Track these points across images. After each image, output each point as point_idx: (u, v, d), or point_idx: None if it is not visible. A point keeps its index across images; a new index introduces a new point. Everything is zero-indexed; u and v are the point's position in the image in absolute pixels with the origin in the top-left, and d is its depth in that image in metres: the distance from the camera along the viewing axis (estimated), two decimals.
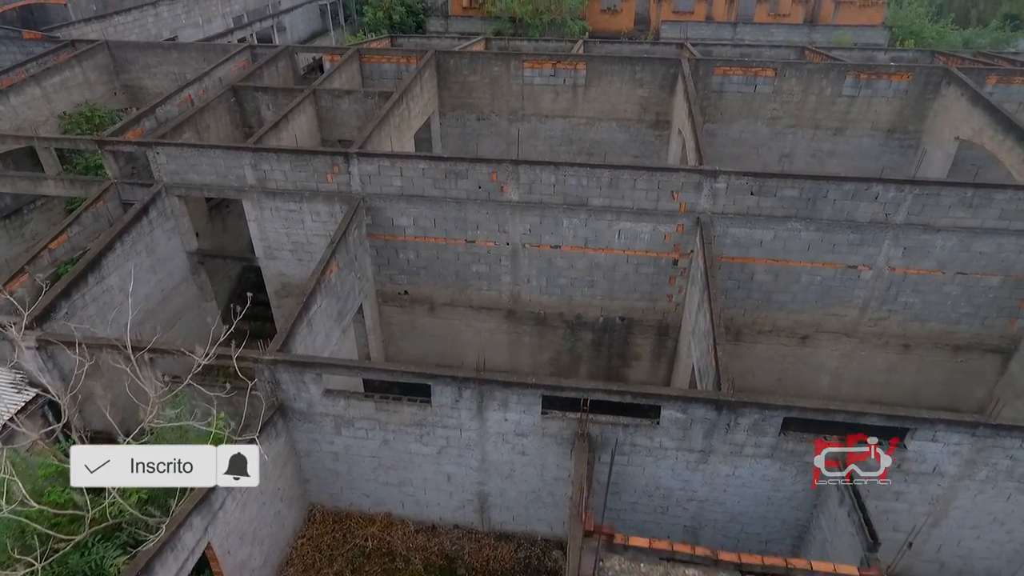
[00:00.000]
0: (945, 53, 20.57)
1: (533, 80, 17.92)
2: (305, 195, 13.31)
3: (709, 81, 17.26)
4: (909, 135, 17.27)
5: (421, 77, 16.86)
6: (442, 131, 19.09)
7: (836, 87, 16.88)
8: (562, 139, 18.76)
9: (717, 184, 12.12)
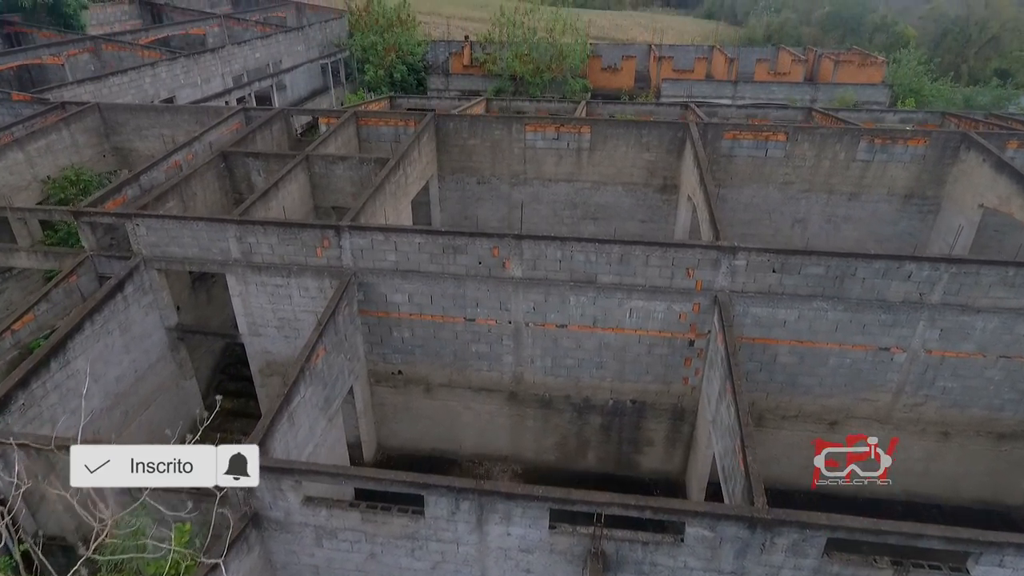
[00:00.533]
0: (956, 114, 20.02)
1: (536, 143, 17.23)
2: (293, 269, 12.35)
3: (718, 145, 16.56)
4: (928, 200, 16.48)
5: (419, 141, 16.16)
6: (441, 195, 18.31)
7: (850, 152, 16.17)
8: (566, 203, 17.97)
9: (736, 261, 11.18)
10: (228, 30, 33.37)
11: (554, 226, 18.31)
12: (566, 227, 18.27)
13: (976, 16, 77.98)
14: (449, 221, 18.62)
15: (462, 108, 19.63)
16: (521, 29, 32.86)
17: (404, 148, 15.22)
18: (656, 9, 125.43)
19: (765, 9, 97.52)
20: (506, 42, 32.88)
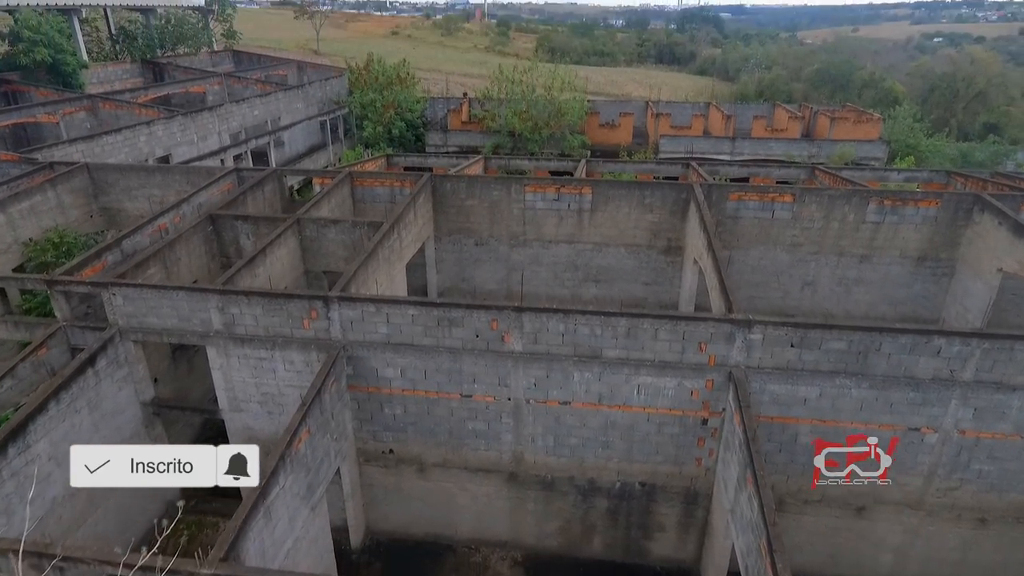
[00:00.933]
0: (961, 173, 19.62)
1: (535, 204, 16.67)
2: (278, 342, 11.52)
3: (724, 206, 16.01)
4: (942, 263, 15.83)
5: (415, 203, 15.59)
6: (438, 256, 17.65)
7: (859, 213, 15.61)
8: (567, 265, 17.30)
9: (752, 335, 10.39)
10: (229, 88, 33.48)
11: (554, 288, 17.60)
12: (567, 289, 17.56)
13: (963, 72, 79.63)
14: (446, 283, 17.92)
15: (459, 168, 19.19)
16: (520, 86, 33.00)
17: (399, 211, 14.62)
18: (650, 66, 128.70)
19: (756, 66, 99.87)
20: (504, 99, 32.96)
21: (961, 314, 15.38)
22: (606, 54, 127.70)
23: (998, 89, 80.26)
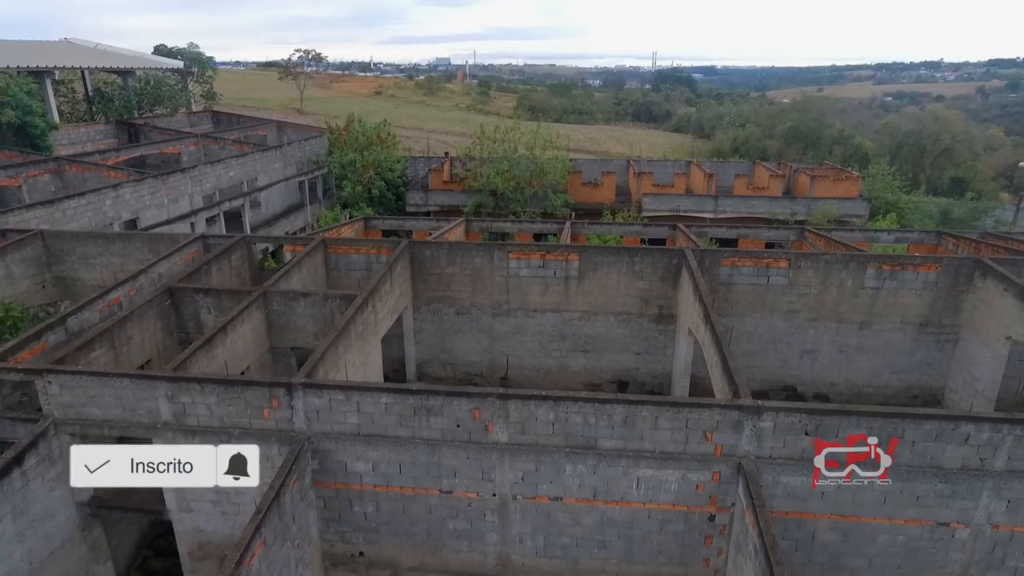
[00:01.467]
0: (952, 234, 19.20)
1: (520, 272, 15.78)
2: (235, 434, 10.21)
3: (717, 272, 15.23)
4: (945, 329, 15.09)
5: (392, 272, 14.60)
6: (416, 327, 16.56)
7: (857, 278, 14.91)
8: (553, 335, 16.29)
9: (762, 423, 9.36)
10: (205, 149, 32.74)
11: (541, 359, 16.52)
12: (554, 360, 16.50)
13: (928, 130, 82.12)
14: (425, 355, 16.77)
15: (440, 232, 18.34)
16: (502, 146, 32.70)
17: (375, 281, 13.60)
18: (628, 124, 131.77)
19: (730, 124, 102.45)
20: (486, 158, 32.58)
21: (969, 383, 14.54)
22: (585, 113, 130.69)
23: (963, 145, 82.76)
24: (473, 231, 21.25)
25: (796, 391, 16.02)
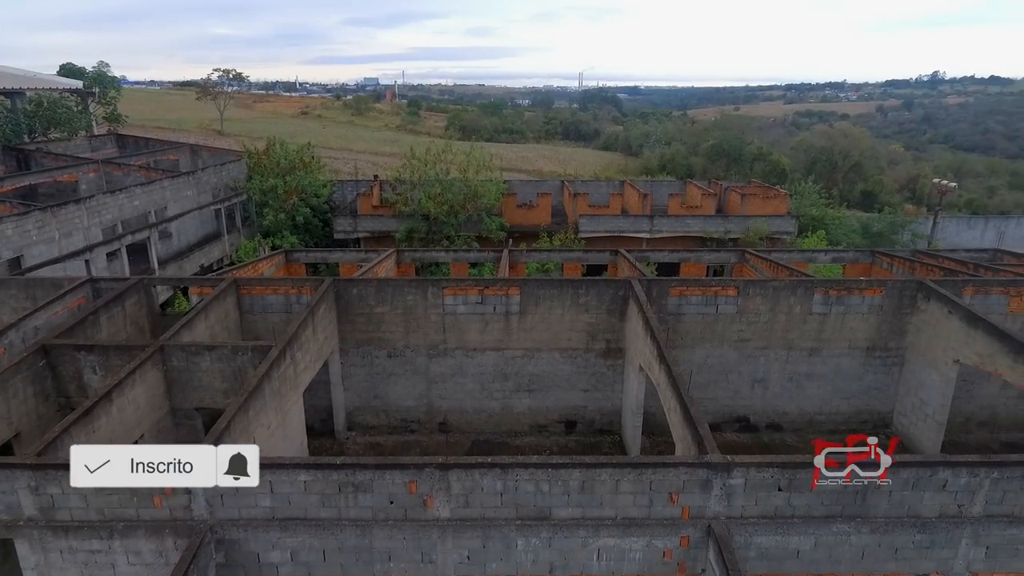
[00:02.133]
0: (885, 252, 19.32)
1: (456, 309, 14.51)
2: (118, 528, 8.42)
3: (664, 303, 14.46)
4: (891, 353, 14.85)
5: (315, 315, 13.03)
6: (344, 372, 14.98)
7: (805, 304, 14.48)
8: (495, 375, 15.07)
9: (732, 480, 8.44)
10: (107, 176, 29.89)
11: (482, 402, 15.25)
12: (496, 402, 15.26)
13: (839, 146, 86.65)
14: (355, 402, 15.19)
15: (369, 266, 16.82)
16: (433, 169, 31.45)
17: (294, 327, 12.01)
18: (558, 142, 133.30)
19: (657, 142, 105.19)
20: (417, 181, 31.22)
21: (918, 406, 14.29)
22: (516, 132, 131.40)
23: (870, 160, 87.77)
24: (405, 262, 19.84)
25: (749, 422, 15.42)
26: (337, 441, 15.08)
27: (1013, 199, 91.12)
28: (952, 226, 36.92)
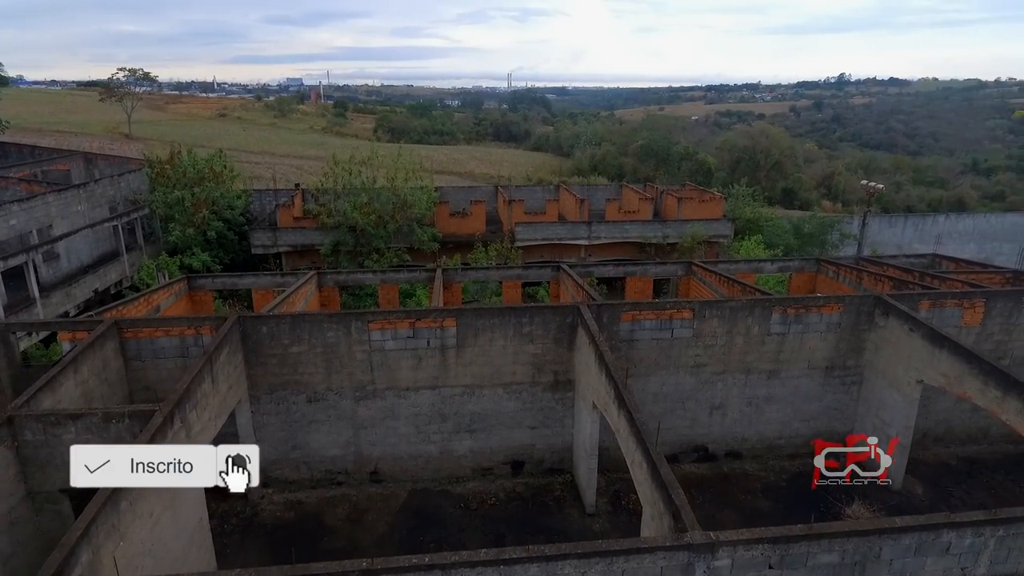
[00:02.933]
0: (829, 260, 18.78)
1: (385, 345, 12.69)
2: None
3: (616, 329, 13.13)
4: (850, 371, 14.09)
5: (214, 362, 10.91)
6: (256, 422, 12.87)
7: (763, 325, 13.49)
8: (431, 415, 13.34)
9: (717, 562, 7.09)
10: None
11: (418, 446, 13.49)
12: (434, 445, 13.53)
13: (760, 146, 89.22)
14: (271, 455, 13.10)
15: (282, 297, 14.64)
16: (359, 178, 29.21)
17: (187, 383, 9.88)
18: (489, 143, 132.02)
19: (587, 143, 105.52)
20: (341, 191, 28.92)
21: (880, 427, 13.57)
22: (446, 133, 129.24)
23: (790, 160, 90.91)
24: (328, 285, 17.74)
25: (707, 451, 14.33)
26: (249, 502, 12.94)
27: (917, 194, 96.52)
28: (875, 224, 37.81)
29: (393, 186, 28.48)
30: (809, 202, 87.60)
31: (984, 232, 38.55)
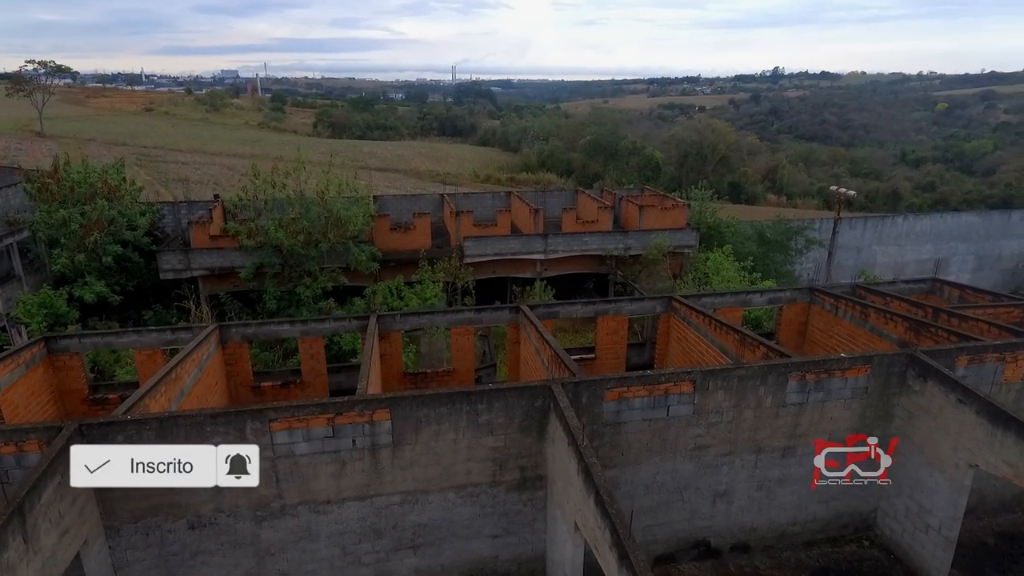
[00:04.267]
0: (823, 291, 16.33)
1: (294, 449, 9.28)
2: None
3: (599, 411, 10.12)
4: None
5: (41, 496, 7.31)
6: (116, 562, 9.26)
7: (778, 395, 10.74)
8: (361, 532, 10.02)
9: None
10: None
11: (347, 569, 10.16)
12: (367, 568, 10.23)
13: (707, 140, 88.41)
14: None
15: (175, 363, 10.97)
16: (284, 191, 25.28)
17: None
18: (434, 138, 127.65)
19: (535, 138, 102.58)
20: (263, 207, 24.95)
21: (915, 512, 11.06)
22: (389, 128, 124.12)
23: (736, 154, 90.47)
24: (233, 340, 14.08)
25: (709, 546, 11.54)
26: None
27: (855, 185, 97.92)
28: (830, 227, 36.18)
29: (324, 200, 24.68)
30: (755, 196, 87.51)
31: (940, 232, 37.58)
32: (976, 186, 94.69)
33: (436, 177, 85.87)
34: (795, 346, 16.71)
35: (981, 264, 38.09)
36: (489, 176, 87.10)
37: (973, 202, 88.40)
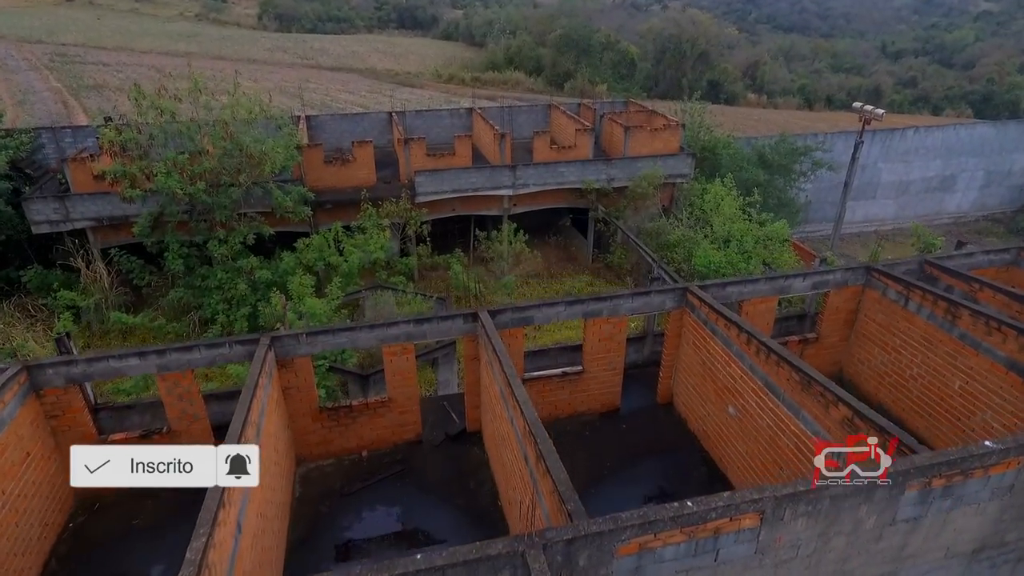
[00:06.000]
0: (881, 271, 11.90)
1: None
2: None
3: (607, 573, 5.86)
4: (1006, 549, 7.66)
5: None
6: None
7: (885, 512, 6.62)
8: None
9: None
10: None
11: None
12: None
13: (686, 34, 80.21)
14: None
15: None
16: (180, 121, 19.18)
17: None
18: (392, 31, 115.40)
19: (501, 32, 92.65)
20: (152, 140, 19.00)
21: None
22: (343, 20, 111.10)
23: (716, 49, 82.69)
24: (53, 386, 9.22)
25: None
26: None
27: (837, 81, 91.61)
28: (838, 142, 31.39)
29: (229, 133, 18.78)
30: (735, 95, 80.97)
31: (951, 147, 33.04)
32: (957, 80, 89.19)
33: (395, 78, 76.92)
34: (840, 338, 12.56)
35: (989, 180, 34.08)
36: (452, 76, 78.41)
37: (954, 99, 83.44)
